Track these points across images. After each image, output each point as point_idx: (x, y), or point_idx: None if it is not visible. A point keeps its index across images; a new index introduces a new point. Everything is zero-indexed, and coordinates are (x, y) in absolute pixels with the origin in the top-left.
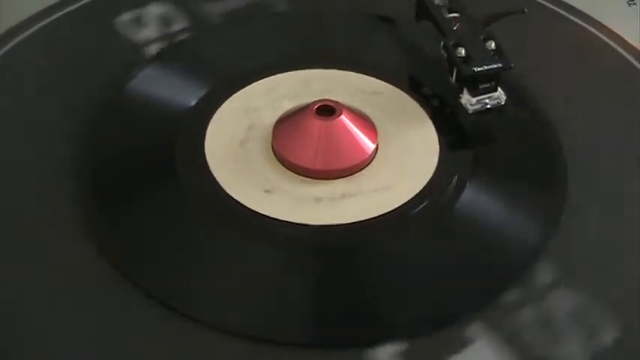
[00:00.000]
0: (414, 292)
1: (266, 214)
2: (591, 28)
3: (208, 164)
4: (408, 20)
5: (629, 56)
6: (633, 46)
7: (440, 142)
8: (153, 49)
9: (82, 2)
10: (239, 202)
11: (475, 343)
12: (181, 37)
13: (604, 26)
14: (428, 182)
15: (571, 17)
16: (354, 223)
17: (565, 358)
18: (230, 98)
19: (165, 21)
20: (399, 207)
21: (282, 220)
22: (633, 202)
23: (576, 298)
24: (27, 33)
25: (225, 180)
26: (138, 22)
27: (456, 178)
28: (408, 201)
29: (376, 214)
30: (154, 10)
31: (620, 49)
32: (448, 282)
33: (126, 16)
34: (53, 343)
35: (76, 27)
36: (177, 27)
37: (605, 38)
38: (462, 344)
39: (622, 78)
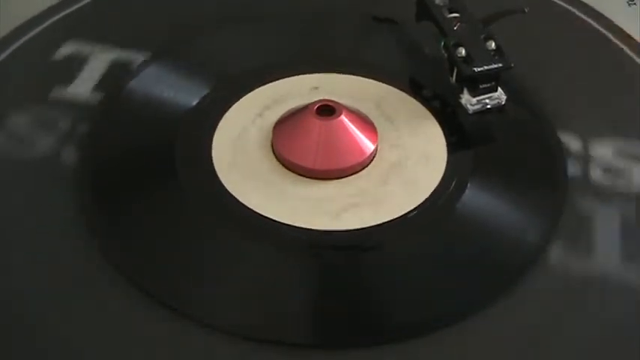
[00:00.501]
0: (415, 293)
1: (265, 214)
2: (595, 24)
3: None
4: (408, 20)
5: (632, 53)
6: (636, 41)
7: (447, 143)
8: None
9: (82, 4)
10: (239, 203)
11: (475, 343)
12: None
13: (609, 22)
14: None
15: (572, 10)
16: (353, 223)
17: (568, 358)
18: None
19: None
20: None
21: (282, 222)
22: (633, 201)
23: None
24: (28, 36)
25: (226, 180)
26: None
27: (456, 178)
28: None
29: (376, 215)
30: None
31: (623, 46)
32: (448, 282)
33: None
34: (53, 342)
35: (76, 27)
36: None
37: (606, 32)
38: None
39: (622, 77)
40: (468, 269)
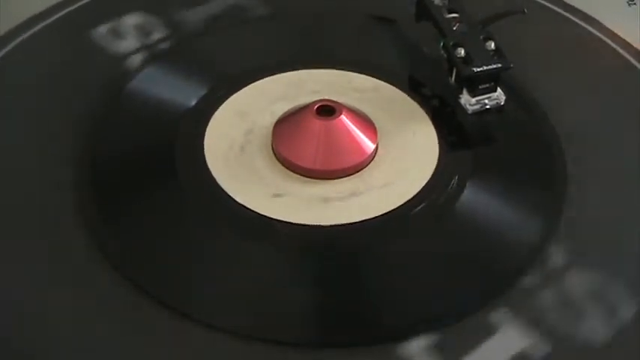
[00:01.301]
0: (414, 292)
1: (265, 214)
2: (591, 28)
3: (208, 164)
4: (407, 20)
5: (629, 56)
6: (633, 46)
7: (439, 142)
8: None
9: (82, 3)
10: (239, 203)
11: (474, 343)
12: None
13: (604, 26)
14: (427, 182)
15: (571, 17)
16: (353, 223)
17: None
18: (230, 98)
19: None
20: (398, 207)
21: (282, 220)
22: (633, 201)
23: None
24: (27, 34)
25: (225, 180)
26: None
27: (456, 178)
28: (408, 201)
29: (376, 214)
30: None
31: (620, 50)
32: (448, 282)
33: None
34: (53, 342)
35: (76, 28)
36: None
37: (604, 38)
38: (462, 344)
39: (622, 78)
40: (467, 269)
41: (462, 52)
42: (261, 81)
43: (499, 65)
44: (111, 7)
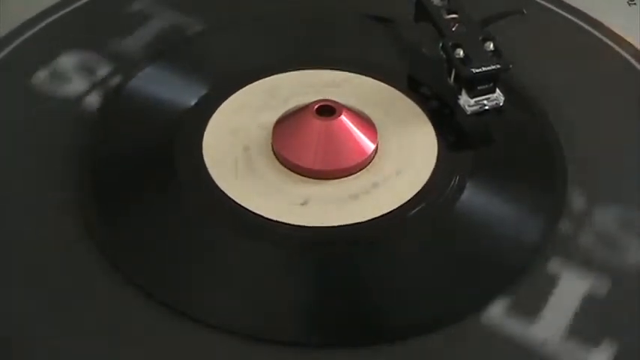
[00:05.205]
0: (414, 292)
1: (264, 214)
2: (591, 29)
3: (207, 164)
4: (407, 21)
5: (629, 56)
6: (633, 46)
7: (438, 142)
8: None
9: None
10: (239, 203)
11: (474, 343)
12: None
13: (604, 26)
14: (426, 182)
15: (571, 17)
16: (353, 223)
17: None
18: (229, 98)
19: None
20: (398, 207)
21: (281, 221)
22: (633, 201)
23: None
24: (34, 30)
25: (224, 180)
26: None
27: (456, 178)
28: (408, 201)
29: (376, 214)
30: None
31: (619, 50)
32: (448, 282)
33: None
34: (53, 342)
35: (79, 23)
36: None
37: (604, 38)
38: (462, 344)
39: (622, 78)
40: (467, 269)
41: (460, 52)
42: (263, 80)
43: (498, 66)
44: (39, 50)
